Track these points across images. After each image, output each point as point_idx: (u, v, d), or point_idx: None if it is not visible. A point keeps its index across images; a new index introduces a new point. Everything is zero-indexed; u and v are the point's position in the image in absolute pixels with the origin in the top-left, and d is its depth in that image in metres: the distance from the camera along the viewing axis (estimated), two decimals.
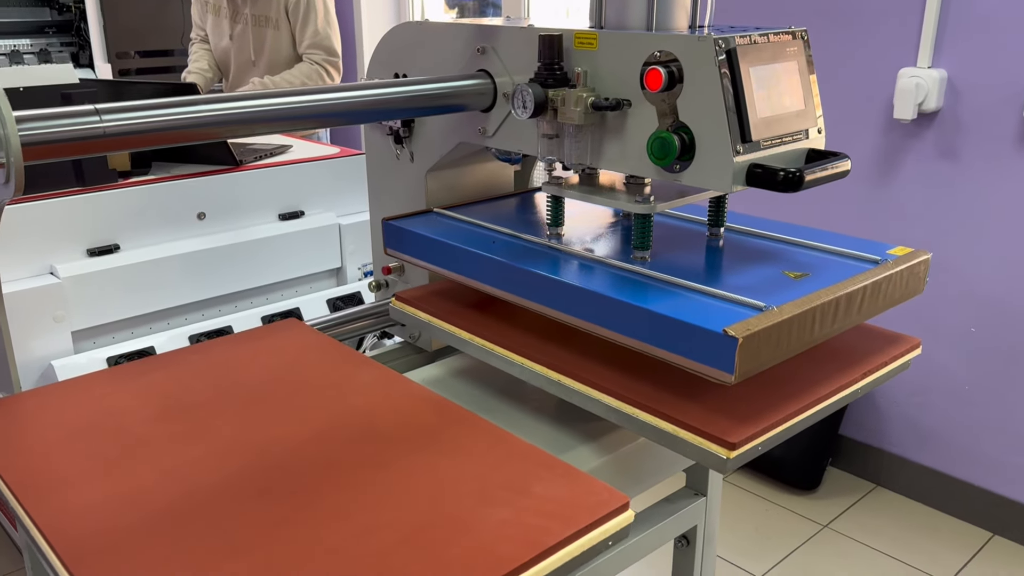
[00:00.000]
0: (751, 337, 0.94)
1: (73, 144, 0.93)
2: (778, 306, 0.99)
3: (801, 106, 1.12)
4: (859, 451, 2.62)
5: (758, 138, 1.05)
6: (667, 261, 1.17)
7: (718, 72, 1.01)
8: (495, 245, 1.24)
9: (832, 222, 2.51)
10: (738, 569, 2.21)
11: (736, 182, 1.04)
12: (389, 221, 1.39)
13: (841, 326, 1.08)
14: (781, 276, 1.11)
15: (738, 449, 0.98)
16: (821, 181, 1.07)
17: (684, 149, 1.06)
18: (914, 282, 1.18)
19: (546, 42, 1.15)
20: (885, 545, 2.31)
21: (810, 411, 1.07)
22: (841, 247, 1.21)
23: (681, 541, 1.41)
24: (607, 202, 1.20)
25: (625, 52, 1.11)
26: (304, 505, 0.87)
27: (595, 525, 0.85)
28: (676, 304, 1.02)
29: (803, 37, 1.15)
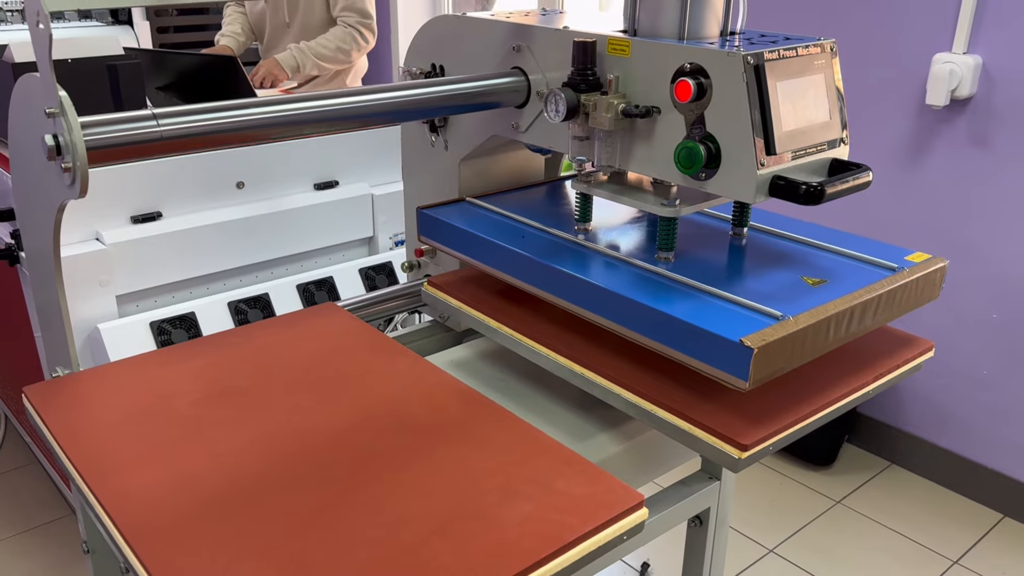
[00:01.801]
0: (766, 347, 0.98)
1: (133, 147, 0.99)
2: (794, 316, 1.03)
3: (826, 118, 1.15)
4: (876, 429, 2.67)
5: (782, 150, 1.09)
6: (690, 262, 1.20)
7: (745, 87, 1.05)
8: (524, 239, 1.28)
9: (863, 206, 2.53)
10: (751, 542, 2.28)
11: (760, 193, 1.08)
12: (423, 210, 1.44)
13: (855, 332, 1.12)
14: (800, 282, 1.15)
15: (750, 450, 1.03)
16: (842, 193, 1.10)
17: (710, 159, 1.09)
18: (929, 289, 1.21)
19: (580, 48, 1.18)
20: (896, 523, 2.37)
21: (821, 413, 1.12)
22: (860, 252, 1.24)
23: (695, 521, 1.47)
24: (633, 203, 1.24)
25: (656, 61, 1.14)
26: (341, 494, 0.94)
27: (612, 522, 0.91)
28: (696, 309, 1.06)
29: (831, 49, 1.17)
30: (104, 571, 1.40)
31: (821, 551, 2.25)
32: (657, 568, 2.18)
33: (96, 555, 1.38)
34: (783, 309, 1.05)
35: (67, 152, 0.94)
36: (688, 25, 1.17)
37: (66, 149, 0.94)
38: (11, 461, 2.57)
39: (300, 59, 3.10)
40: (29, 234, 1.23)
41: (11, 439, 2.67)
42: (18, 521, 2.31)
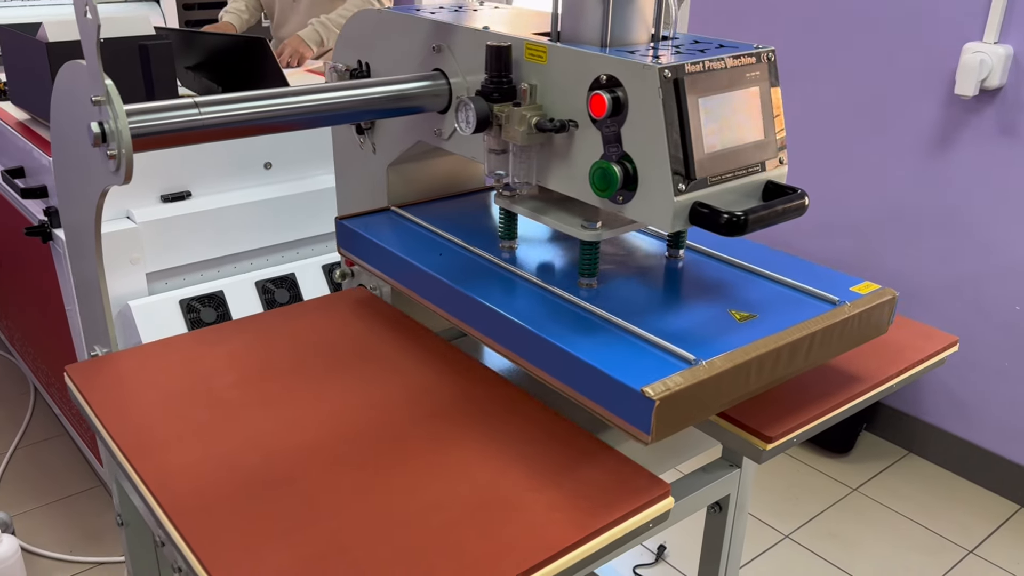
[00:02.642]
0: (670, 399, 0.89)
1: (176, 135, 1.02)
2: (709, 360, 0.94)
3: (760, 136, 1.05)
4: (893, 418, 2.67)
5: (705, 175, 0.98)
6: (614, 289, 1.13)
7: (661, 104, 0.94)
8: (441, 257, 1.21)
9: (887, 193, 2.52)
10: (767, 527, 2.30)
11: (678, 221, 0.98)
12: (342, 221, 1.35)
13: (786, 374, 1.03)
14: (726, 316, 1.06)
15: (774, 442, 1.05)
16: (770, 222, 1.01)
17: (627, 181, 0.99)
18: (876, 323, 1.12)
19: (493, 53, 1.07)
20: (912, 511, 2.38)
21: (844, 407, 1.13)
22: (803, 281, 1.15)
23: (714, 508, 1.49)
24: (554, 223, 1.13)
25: (574, 70, 1.03)
26: (375, 477, 0.96)
27: (638, 511, 0.93)
28: (602, 348, 0.98)
29: (769, 58, 1.06)
30: (137, 543, 1.44)
31: (837, 538, 2.27)
32: (673, 551, 2.21)
33: (129, 527, 1.42)
34: (700, 350, 0.96)
35: (112, 139, 0.96)
36: (611, 30, 1.05)
37: (111, 136, 0.96)
38: (41, 433, 2.62)
39: (323, 33, 3.11)
40: (68, 215, 1.26)
41: (40, 411, 2.73)
42: (48, 492, 2.37)
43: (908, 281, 2.53)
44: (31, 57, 2.00)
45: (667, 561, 2.18)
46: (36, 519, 2.26)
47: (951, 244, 2.42)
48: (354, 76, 1.35)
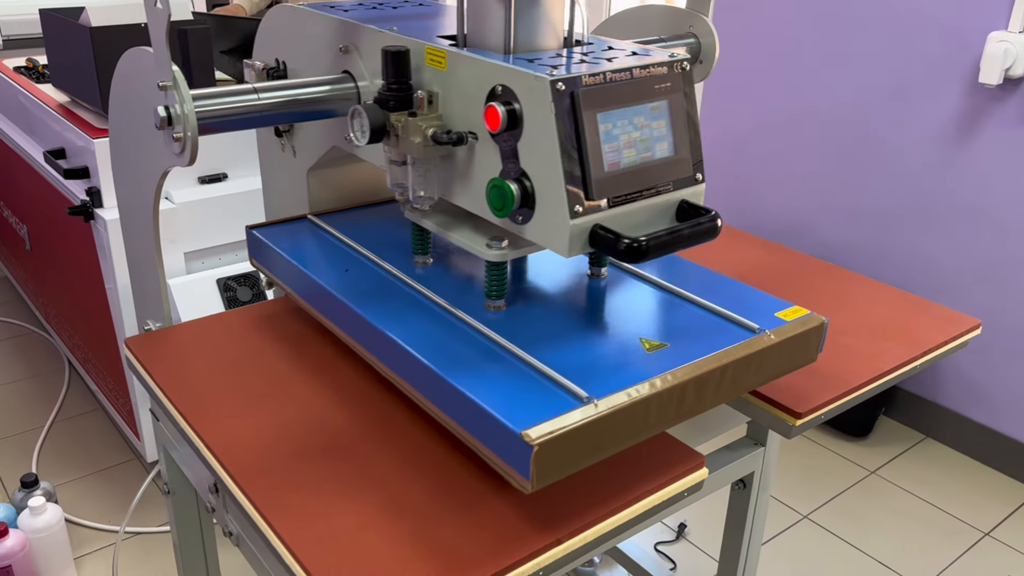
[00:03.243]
0: (552, 443, 0.83)
1: (237, 119, 1.07)
2: (601, 399, 0.88)
3: (670, 153, 0.97)
4: (912, 403, 2.71)
5: (606, 195, 0.91)
6: (522, 313, 1.07)
7: (554, 119, 0.87)
8: (347, 274, 1.16)
9: (911, 180, 2.55)
10: (785, 507, 2.35)
11: (575, 246, 0.90)
12: (253, 230, 1.30)
13: (694, 410, 0.97)
14: (636, 345, 0.99)
15: (803, 418, 1.10)
16: (675, 247, 0.94)
17: (525, 200, 0.93)
18: (802, 351, 1.05)
19: (390, 57, 1.01)
20: (929, 494, 2.42)
21: (870, 386, 1.18)
22: (728, 304, 1.09)
23: (738, 484, 1.54)
24: (459, 239, 1.07)
25: (473, 78, 0.96)
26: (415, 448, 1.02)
27: (675, 479, 0.99)
28: (491, 383, 0.92)
29: (683, 68, 0.98)
30: (182, 511, 1.51)
31: (854, 518, 2.32)
32: (694, 529, 2.26)
33: (175, 496, 1.49)
34: (596, 386, 0.90)
35: (178, 123, 1.01)
36: (514, 35, 0.98)
37: (177, 120, 1.01)
38: (76, 407, 2.69)
39: None
40: (124, 195, 1.32)
41: (75, 387, 2.80)
42: (85, 464, 2.44)
43: (929, 266, 2.56)
44: (74, 41, 2.05)
45: (687, 539, 2.23)
46: (75, 490, 2.33)
47: (973, 231, 2.45)
48: (271, 75, 1.29)
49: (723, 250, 1.55)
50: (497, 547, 0.87)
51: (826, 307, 1.35)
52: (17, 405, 2.70)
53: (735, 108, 2.96)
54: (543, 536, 0.88)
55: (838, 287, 1.42)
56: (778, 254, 1.54)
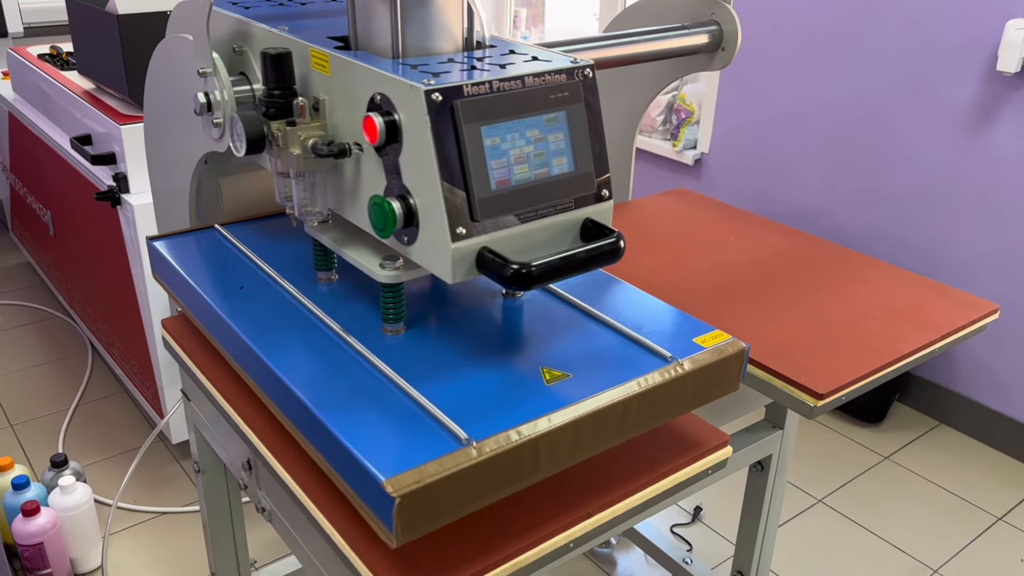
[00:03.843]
0: (417, 494, 0.76)
1: None
2: (479, 442, 0.80)
3: (568, 169, 0.89)
4: (926, 389, 2.73)
5: (494, 215, 0.84)
6: (420, 338, 0.99)
7: (430, 132, 0.80)
8: (241, 291, 1.08)
9: (926, 167, 2.56)
10: (800, 492, 2.38)
11: (460, 270, 0.84)
12: (153, 240, 1.21)
13: (592, 449, 0.89)
14: (536, 376, 0.92)
15: (825, 399, 1.12)
16: (568, 272, 0.87)
17: (409, 219, 0.86)
18: (721, 380, 0.99)
19: (269, 61, 0.93)
20: (943, 479, 2.45)
21: (889, 369, 1.20)
22: (647, 328, 1.02)
23: (756, 467, 1.57)
24: (352, 258, 0.99)
25: (355, 84, 0.89)
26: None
27: (700, 456, 1.01)
28: (366, 420, 0.84)
29: (583, 75, 0.90)
30: (212, 489, 1.54)
31: (868, 503, 2.34)
32: (709, 512, 2.29)
33: (206, 474, 1.52)
34: (480, 425, 0.83)
35: (218, 108, 1.04)
36: (403, 37, 0.89)
37: (217, 106, 1.04)
38: (100, 391, 2.74)
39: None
40: (159, 180, 1.35)
41: (98, 370, 2.85)
42: (109, 446, 2.48)
43: (945, 253, 2.58)
44: (100, 29, 2.08)
45: (703, 522, 2.26)
46: (100, 471, 2.37)
47: (989, 219, 2.46)
48: None
49: (740, 236, 1.58)
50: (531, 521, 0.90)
51: (845, 291, 1.38)
52: (42, 388, 2.75)
53: (752, 97, 2.98)
54: (574, 510, 0.91)
55: (857, 272, 1.45)
56: (797, 240, 1.56)
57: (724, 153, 3.12)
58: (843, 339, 1.24)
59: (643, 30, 1.48)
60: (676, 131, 3.24)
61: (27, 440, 2.50)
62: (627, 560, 2.14)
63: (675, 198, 1.75)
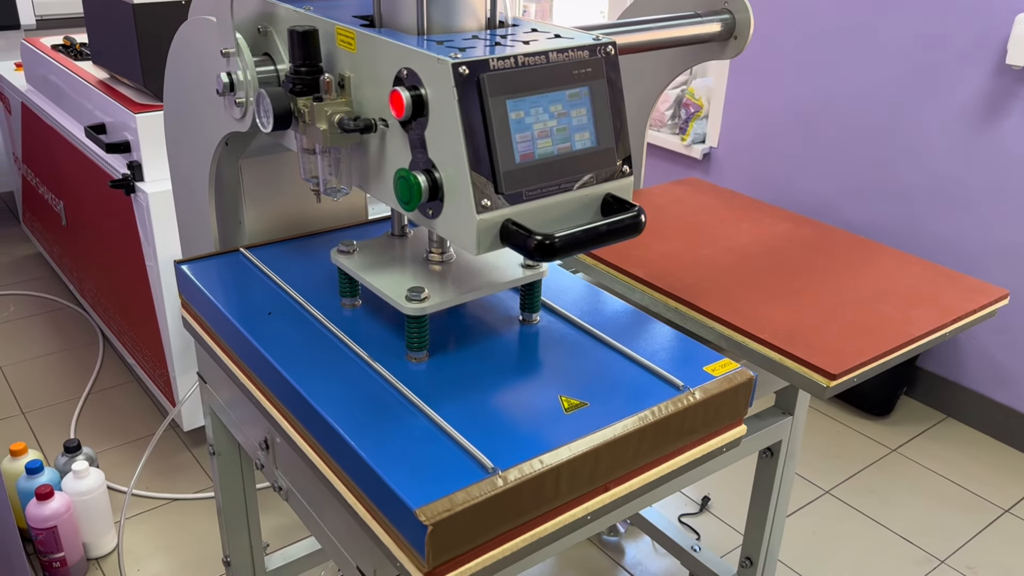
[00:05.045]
0: (447, 522, 0.79)
1: None
2: (507, 469, 0.84)
3: (591, 144, 0.91)
4: (934, 383, 2.74)
5: (518, 188, 0.86)
6: (444, 366, 1.02)
7: (457, 105, 0.82)
8: (270, 317, 1.10)
9: (935, 161, 2.57)
10: (807, 483, 2.39)
11: (484, 242, 0.86)
12: (182, 264, 1.23)
13: (610, 475, 0.92)
14: (555, 404, 0.95)
15: (837, 380, 1.13)
16: (591, 245, 0.89)
17: (434, 192, 0.88)
18: (730, 408, 1.02)
19: (297, 38, 0.95)
20: (950, 472, 2.46)
21: (901, 351, 1.21)
22: (658, 355, 1.05)
23: (766, 453, 1.58)
24: (377, 288, 1.02)
25: (381, 61, 0.90)
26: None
27: (715, 435, 1.03)
28: (395, 447, 0.87)
29: (607, 52, 0.91)
30: (227, 471, 1.56)
31: (875, 494, 2.35)
32: (717, 502, 2.30)
33: (221, 456, 1.54)
34: (504, 454, 0.85)
35: (240, 88, 1.05)
36: (427, 14, 0.92)
37: (239, 86, 1.05)
38: (111, 379, 2.76)
39: None
40: (179, 165, 1.36)
41: (109, 359, 2.86)
42: (120, 433, 2.50)
43: (954, 247, 2.58)
44: (116, 18, 2.10)
45: (711, 511, 2.28)
46: (112, 458, 2.39)
47: (998, 213, 2.47)
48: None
49: (752, 224, 1.59)
50: None
51: (856, 276, 1.39)
52: (53, 377, 2.77)
53: (761, 91, 2.99)
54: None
55: (867, 258, 1.46)
56: (807, 227, 1.57)
57: (733, 147, 3.13)
58: (855, 322, 1.25)
59: (655, 18, 1.49)
60: (685, 125, 3.25)
61: (39, 428, 2.52)
62: (635, 548, 2.15)
63: (686, 187, 1.76)
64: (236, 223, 1.31)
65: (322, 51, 0.99)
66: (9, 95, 3.11)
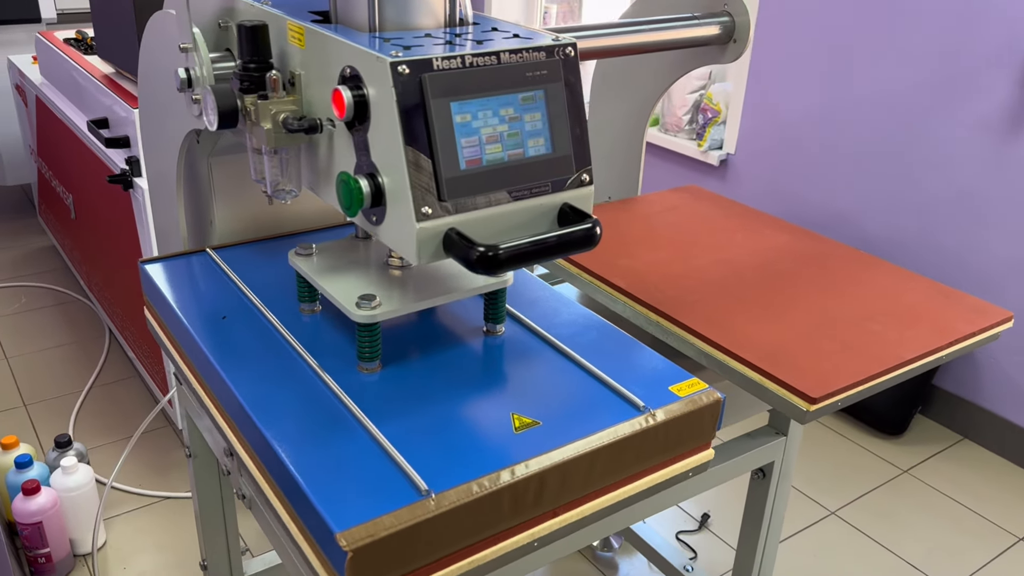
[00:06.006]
0: (369, 548, 0.74)
1: None
2: (439, 494, 0.78)
3: (547, 151, 0.86)
4: (950, 402, 2.65)
5: (464, 196, 0.81)
6: (396, 378, 0.96)
7: (396, 106, 0.77)
8: (224, 321, 1.06)
9: (957, 173, 2.48)
10: (812, 502, 2.31)
11: (425, 252, 0.82)
12: (145, 264, 1.20)
13: (559, 500, 0.86)
14: (505, 422, 0.89)
15: (818, 404, 1.07)
16: (538, 257, 0.83)
17: (377, 198, 0.83)
18: (695, 430, 0.95)
19: (244, 33, 0.91)
20: (964, 495, 2.36)
21: (890, 374, 1.15)
22: (624, 371, 0.99)
23: (758, 473, 1.52)
24: (329, 293, 0.98)
25: (328, 58, 0.86)
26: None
27: (679, 459, 0.97)
28: (324, 463, 0.82)
29: (564, 54, 0.86)
30: (203, 473, 1.53)
31: (883, 516, 2.27)
32: (717, 520, 2.24)
33: (197, 459, 1.51)
34: (442, 476, 0.80)
35: (197, 84, 1.02)
36: (379, 11, 0.87)
37: (196, 82, 1.02)
38: (115, 374, 2.76)
39: None
40: (152, 162, 1.33)
41: (114, 353, 2.86)
42: (121, 428, 2.49)
43: (974, 261, 2.49)
44: (118, 11, 2.09)
45: (710, 529, 2.21)
46: (109, 453, 2.38)
47: (1022, 228, 2.38)
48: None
49: (748, 234, 1.53)
50: None
51: (852, 293, 1.32)
52: (57, 370, 2.77)
53: (780, 97, 2.91)
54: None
55: (866, 274, 1.39)
56: (806, 240, 1.51)
57: (750, 154, 3.06)
58: (844, 342, 1.18)
59: (650, 19, 1.44)
60: (702, 131, 3.18)
61: (39, 420, 2.52)
62: (629, 564, 2.09)
63: (685, 195, 1.70)
64: (207, 223, 1.28)
65: (276, 48, 0.96)
66: (26, 88, 3.13)
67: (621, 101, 1.69)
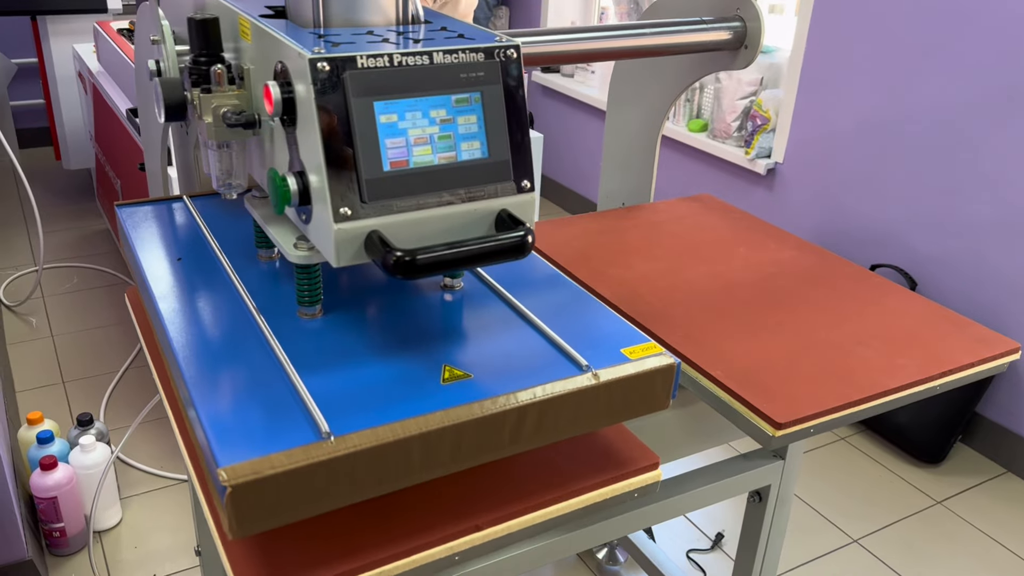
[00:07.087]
0: (253, 486, 0.70)
1: None
2: (340, 436, 0.75)
3: (482, 155, 0.84)
4: (994, 432, 2.51)
5: (387, 198, 0.79)
6: (333, 325, 0.94)
7: (313, 104, 0.76)
8: (179, 262, 1.05)
9: (1006, 193, 2.35)
10: (835, 528, 2.23)
11: (344, 254, 0.80)
12: (121, 207, 1.21)
13: (482, 456, 0.82)
14: (435, 375, 0.86)
15: (784, 430, 1.02)
16: (460, 265, 0.81)
17: (305, 196, 0.82)
18: (645, 395, 0.89)
19: (195, 26, 0.92)
20: (1000, 532, 2.24)
21: (870, 403, 1.09)
22: (575, 333, 0.93)
23: (754, 496, 1.46)
24: (272, 235, 0.95)
25: (266, 54, 0.86)
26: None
27: (622, 477, 0.93)
28: (232, 400, 0.80)
29: (504, 56, 0.83)
30: None
31: (909, 549, 2.17)
32: (732, 539, 2.17)
33: None
34: (348, 419, 0.77)
35: None
36: (326, 6, 0.86)
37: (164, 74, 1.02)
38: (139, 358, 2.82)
39: None
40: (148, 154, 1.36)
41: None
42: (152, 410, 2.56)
43: (1018, 285, 2.36)
44: None
45: (723, 549, 2.15)
46: (134, 435, 2.44)
47: None
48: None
49: (751, 248, 1.47)
50: (412, 526, 0.84)
51: (849, 314, 1.26)
52: (99, 350, 2.86)
53: (831, 106, 2.81)
54: (463, 519, 0.85)
55: (868, 295, 1.32)
56: (811, 256, 1.44)
57: (798, 164, 2.96)
58: (827, 367, 1.13)
59: (658, 22, 1.40)
60: (750, 138, 3.09)
61: (74, 398, 2.60)
62: None
63: (695, 204, 1.65)
64: (197, 172, 1.28)
65: (231, 43, 0.95)
66: (85, 76, 3.24)
67: (634, 106, 1.65)
